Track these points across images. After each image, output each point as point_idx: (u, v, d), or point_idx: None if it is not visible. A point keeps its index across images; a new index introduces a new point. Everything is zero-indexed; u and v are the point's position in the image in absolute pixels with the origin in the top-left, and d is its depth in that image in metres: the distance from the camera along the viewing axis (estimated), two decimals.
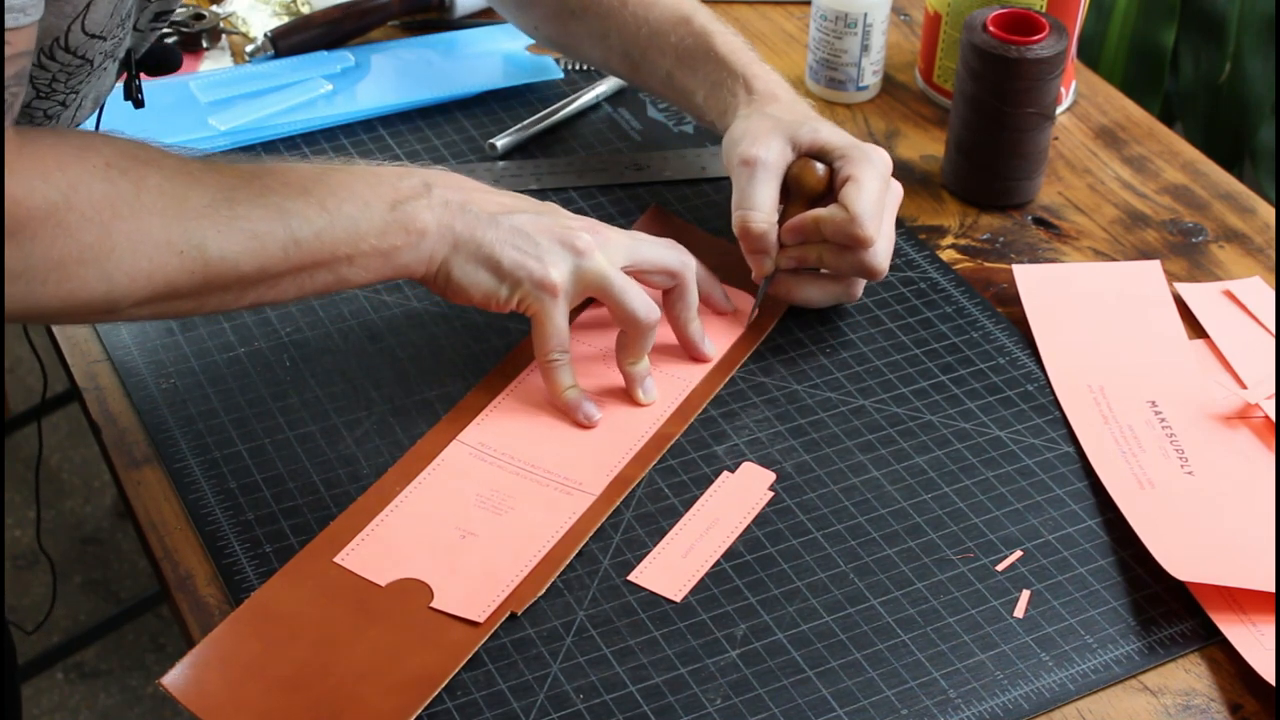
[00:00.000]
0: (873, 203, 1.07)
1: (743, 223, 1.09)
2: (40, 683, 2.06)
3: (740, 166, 1.10)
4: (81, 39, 0.91)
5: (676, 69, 1.19)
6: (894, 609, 0.95)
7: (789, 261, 1.11)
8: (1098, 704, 0.91)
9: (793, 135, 1.10)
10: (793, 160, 1.11)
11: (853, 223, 1.06)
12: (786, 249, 1.11)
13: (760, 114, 1.13)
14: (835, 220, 1.07)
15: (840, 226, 1.07)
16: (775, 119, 1.12)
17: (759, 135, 1.10)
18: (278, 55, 1.38)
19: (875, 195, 1.08)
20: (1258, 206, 1.28)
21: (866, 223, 1.06)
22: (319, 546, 0.97)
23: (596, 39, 1.23)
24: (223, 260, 0.92)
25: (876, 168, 1.09)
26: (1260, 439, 1.06)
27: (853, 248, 1.08)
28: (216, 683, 0.89)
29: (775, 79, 1.17)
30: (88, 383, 1.09)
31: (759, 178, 1.09)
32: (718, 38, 1.18)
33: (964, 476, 1.04)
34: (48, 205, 0.85)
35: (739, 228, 1.10)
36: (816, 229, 1.09)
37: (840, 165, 1.09)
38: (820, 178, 1.10)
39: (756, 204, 1.09)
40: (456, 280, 1.02)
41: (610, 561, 0.98)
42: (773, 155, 1.09)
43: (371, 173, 1.00)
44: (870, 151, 1.10)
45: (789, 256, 1.11)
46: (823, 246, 1.10)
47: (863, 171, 1.08)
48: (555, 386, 1.05)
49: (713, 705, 0.90)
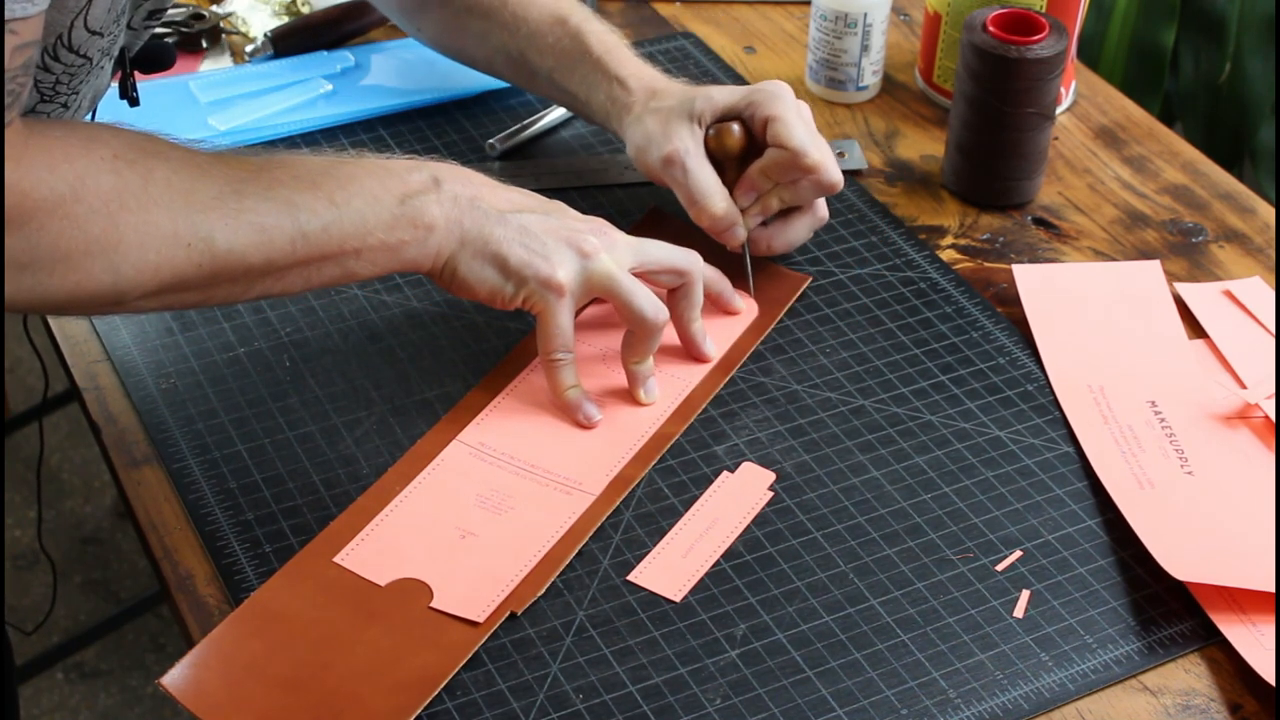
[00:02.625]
0: (803, 131, 1.11)
1: (704, 214, 1.12)
2: (40, 683, 2.06)
3: (666, 169, 1.13)
4: (84, 36, 0.91)
5: (556, 71, 1.20)
6: (894, 609, 0.95)
7: (755, 219, 1.14)
8: (1097, 704, 0.91)
9: (691, 114, 1.13)
10: (705, 135, 1.13)
11: (797, 156, 1.11)
12: (747, 209, 1.14)
13: (649, 112, 1.15)
14: (780, 162, 1.11)
15: (787, 165, 1.11)
16: (666, 110, 1.14)
17: (663, 132, 1.13)
18: (278, 55, 1.38)
19: (799, 123, 1.11)
20: (1258, 206, 1.28)
21: (810, 151, 1.10)
22: (319, 546, 0.97)
23: (479, 40, 1.24)
24: (230, 253, 0.92)
25: (784, 99, 1.12)
26: (1260, 439, 1.06)
27: (805, 177, 1.11)
28: (216, 683, 0.89)
29: (649, 73, 1.18)
30: (88, 383, 1.09)
31: (691, 168, 1.12)
32: (592, 38, 1.19)
33: (964, 476, 1.04)
34: (55, 197, 0.85)
35: (703, 220, 1.13)
36: (766, 178, 1.13)
37: (750, 113, 1.13)
38: (739, 137, 1.13)
39: (705, 192, 1.12)
40: (462, 276, 1.02)
41: (610, 561, 0.98)
42: (688, 142, 1.12)
43: (381, 166, 1.00)
44: (767, 87, 1.13)
45: (753, 214, 1.14)
46: (776, 190, 1.13)
47: (776, 108, 1.11)
48: (557, 386, 1.05)
49: (712, 705, 0.90)
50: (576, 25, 1.19)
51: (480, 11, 1.22)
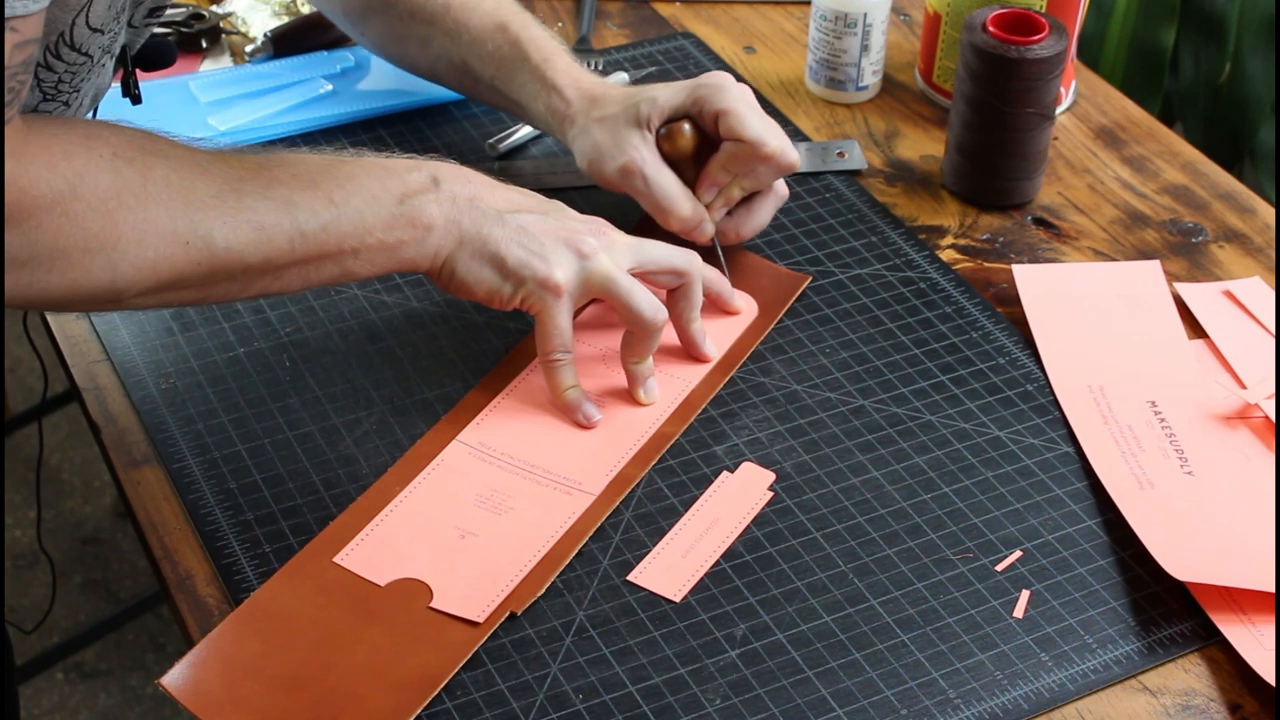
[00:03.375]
0: (755, 120, 1.12)
1: (673, 218, 1.13)
2: (40, 683, 2.06)
3: (625, 180, 1.13)
4: (85, 34, 0.91)
5: (497, 78, 1.20)
6: (893, 609, 0.95)
7: (720, 211, 1.15)
8: (1097, 704, 0.91)
9: (638, 119, 1.13)
10: (656, 137, 1.13)
11: (755, 147, 1.11)
12: (711, 204, 1.14)
13: (594, 123, 1.14)
14: (738, 154, 1.12)
15: (746, 156, 1.12)
16: (611, 119, 1.14)
17: (614, 142, 1.13)
18: (278, 55, 1.38)
19: (750, 113, 1.12)
20: (1258, 206, 1.28)
21: (767, 139, 1.11)
22: (319, 546, 0.97)
23: (421, 47, 1.23)
24: (228, 251, 0.92)
25: (729, 90, 1.13)
26: (1260, 439, 1.06)
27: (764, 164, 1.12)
28: (216, 683, 0.89)
29: (587, 80, 1.18)
30: (88, 383, 1.09)
31: (650, 176, 1.12)
32: (530, 45, 1.18)
33: (964, 476, 1.03)
34: (53, 194, 0.85)
35: (672, 225, 1.13)
36: (726, 171, 1.13)
37: (699, 109, 1.13)
38: (690, 136, 1.13)
39: (669, 197, 1.12)
40: (461, 276, 1.02)
41: (610, 561, 0.98)
42: (642, 151, 1.12)
43: (380, 165, 1.00)
44: (709, 80, 1.13)
45: (717, 207, 1.15)
46: (737, 180, 1.14)
47: (724, 101, 1.12)
48: (556, 386, 1.05)
49: (712, 705, 0.90)
50: (516, 32, 1.19)
51: (423, 18, 1.22)
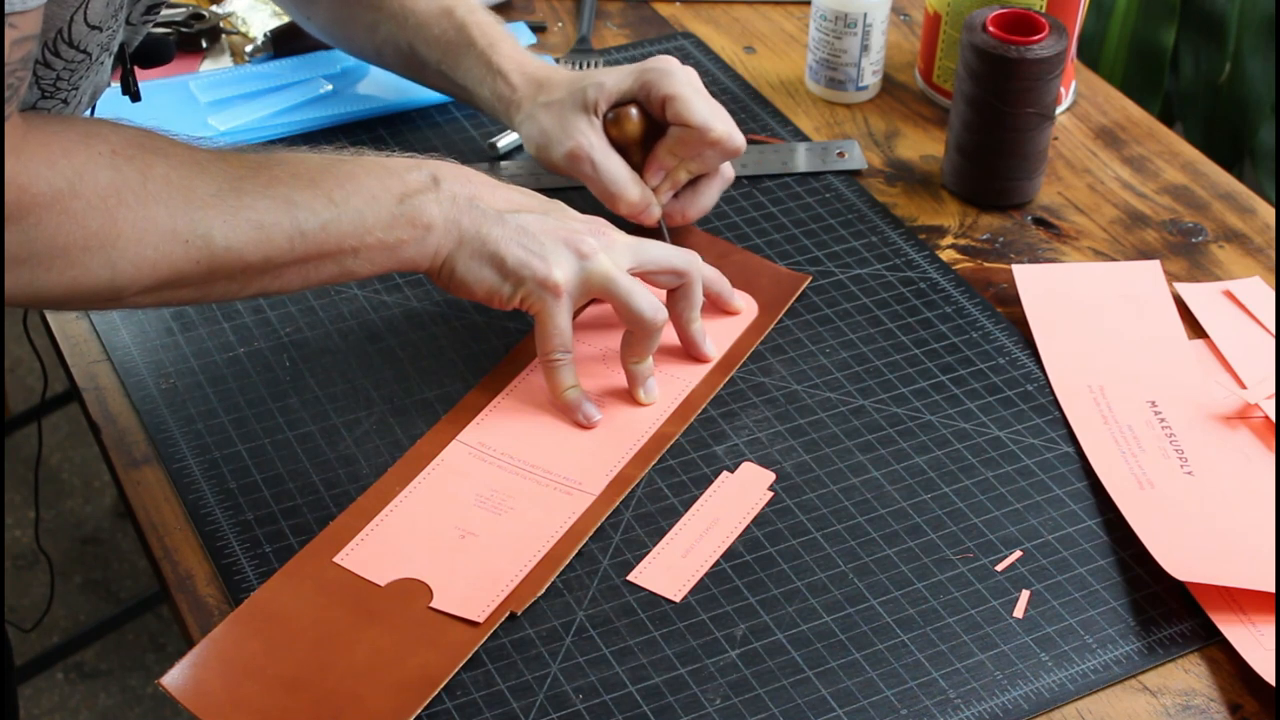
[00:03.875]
0: (702, 105, 1.12)
1: (621, 203, 1.14)
2: (40, 683, 2.06)
3: (573, 165, 1.14)
4: (84, 31, 0.91)
5: (443, 63, 1.20)
6: (893, 609, 0.95)
7: (667, 195, 1.16)
8: (1097, 704, 0.91)
9: (585, 104, 1.14)
10: (604, 122, 1.14)
11: (702, 132, 1.12)
12: (659, 187, 1.15)
13: (540, 108, 1.15)
14: (685, 139, 1.13)
15: (693, 141, 1.13)
16: (558, 104, 1.14)
17: (561, 128, 1.14)
18: (278, 55, 1.38)
19: (697, 98, 1.13)
20: (1258, 206, 1.28)
21: (714, 125, 1.12)
22: (318, 546, 0.97)
23: (368, 31, 1.24)
24: (228, 250, 0.92)
25: (676, 75, 1.13)
26: (1260, 439, 1.06)
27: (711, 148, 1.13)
28: (216, 683, 0.89)
29: (532, 64, 1.18)
30: (88, 383, 1.09)
31: (598, 161, 1.13)
32: (475, 30, 1.19)
33: (964, 476, 1.03)
34: (53, 192, 0.85)
35: (620, 209, 1.14)
36: (673, 156, 1.14)
37: (646, 94, 1.13)
38: (637, 121, 1.14)
39: (617, 182, 1.13)
40: (460, 276, 1.02)
41: (610, 561, 0.98)
42: (590, 136, 1.13)
43: (380, 165, 1.00)
44: (656, 65, 1.14)
45: (664, 191, 1.16)
46: (684, 163, 1.14)
47: (671, 86, 1.13)
48: (556, 386, 1.05)
49: (712, 705, 0.90)
50: (462, 17, 1.19)
51: (369, 2, 1.22)
